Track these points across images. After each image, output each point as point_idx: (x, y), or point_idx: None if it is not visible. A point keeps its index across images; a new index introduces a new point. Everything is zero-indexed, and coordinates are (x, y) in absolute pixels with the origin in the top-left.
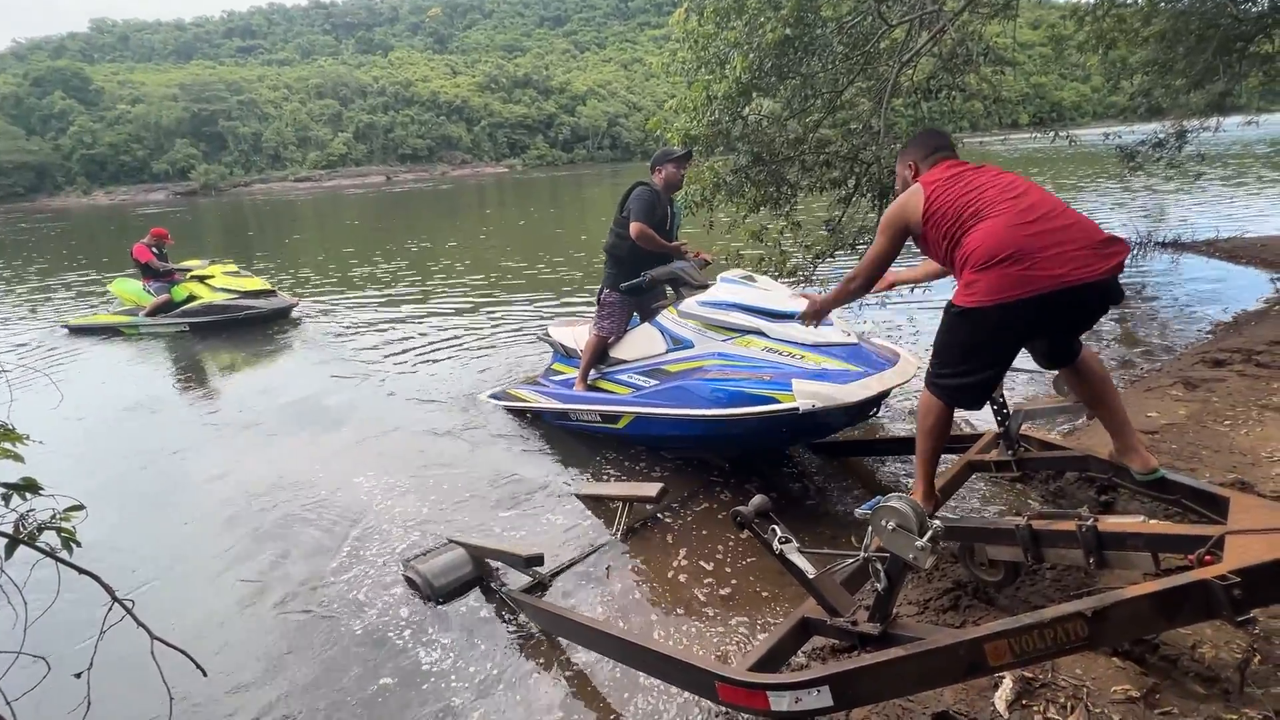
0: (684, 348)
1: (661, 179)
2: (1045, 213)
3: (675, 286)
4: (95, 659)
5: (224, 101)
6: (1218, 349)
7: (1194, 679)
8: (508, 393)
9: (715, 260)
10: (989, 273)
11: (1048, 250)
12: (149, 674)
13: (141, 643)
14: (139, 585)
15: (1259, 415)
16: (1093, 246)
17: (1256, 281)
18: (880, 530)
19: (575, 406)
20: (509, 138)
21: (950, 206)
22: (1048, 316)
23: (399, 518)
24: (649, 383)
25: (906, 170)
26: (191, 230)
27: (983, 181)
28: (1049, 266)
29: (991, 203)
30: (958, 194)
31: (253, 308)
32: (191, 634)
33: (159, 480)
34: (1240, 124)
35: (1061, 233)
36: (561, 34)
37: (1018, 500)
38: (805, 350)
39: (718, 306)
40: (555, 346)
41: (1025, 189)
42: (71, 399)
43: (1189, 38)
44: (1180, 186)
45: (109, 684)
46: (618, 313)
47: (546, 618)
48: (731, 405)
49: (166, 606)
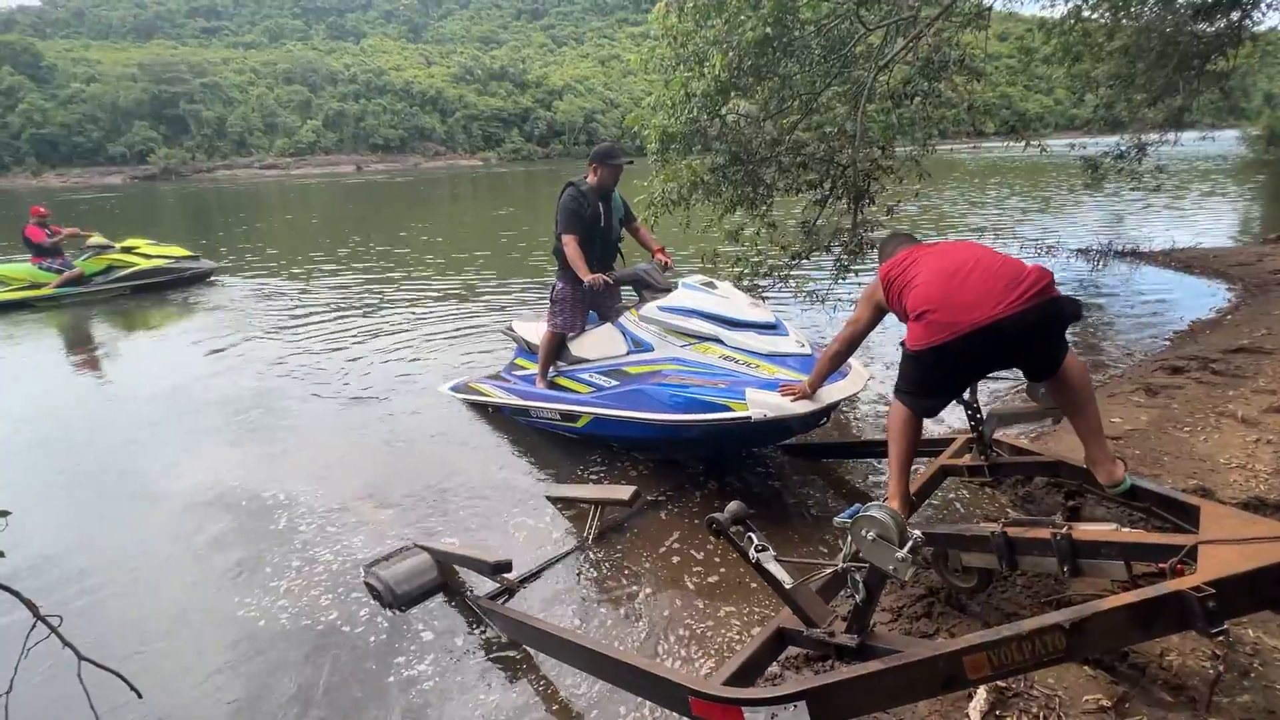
0: (644, 350)
1: (595, 179)
2: (966, 269)
3: (638, 288)
4: (15, 680)
5: (186, 83)
6: (1176, 356)
7: (1162, 687)
8: (468, 385)
9: (696, 255)
10: (920, 322)
11: (963, 297)
12: (75, 697)
13: (69, 663)
14: (68, 600)
15: (1216, 422)
16: (1006, 285)
17: (1211, 291)
18: (860, 540)
19: (535, 404)
20: (484, 130)
21: (899, 278)
22: (979, 353)
23: (358, 520)
24: (609, 383)
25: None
26: (151, 217)
27: (916, 254)
28: (965, 311)
29: (921, 265)
30: (903, 267)
31: (185, 270)
32: (126, 651)
33: (93, 480)
34: (1196, 138)
35: (978, 281)
36: (539, 27)
37: (988, 505)
38: (760, 359)
39: (677, 312)
40: (519, 341)
41: (954, 251)
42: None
43: (1150, 54)
44: (1138, 199)
45: (30, 709)
46: (570, 308)
47: (514, 626)
48: (687, 411)
49: (98, 623)
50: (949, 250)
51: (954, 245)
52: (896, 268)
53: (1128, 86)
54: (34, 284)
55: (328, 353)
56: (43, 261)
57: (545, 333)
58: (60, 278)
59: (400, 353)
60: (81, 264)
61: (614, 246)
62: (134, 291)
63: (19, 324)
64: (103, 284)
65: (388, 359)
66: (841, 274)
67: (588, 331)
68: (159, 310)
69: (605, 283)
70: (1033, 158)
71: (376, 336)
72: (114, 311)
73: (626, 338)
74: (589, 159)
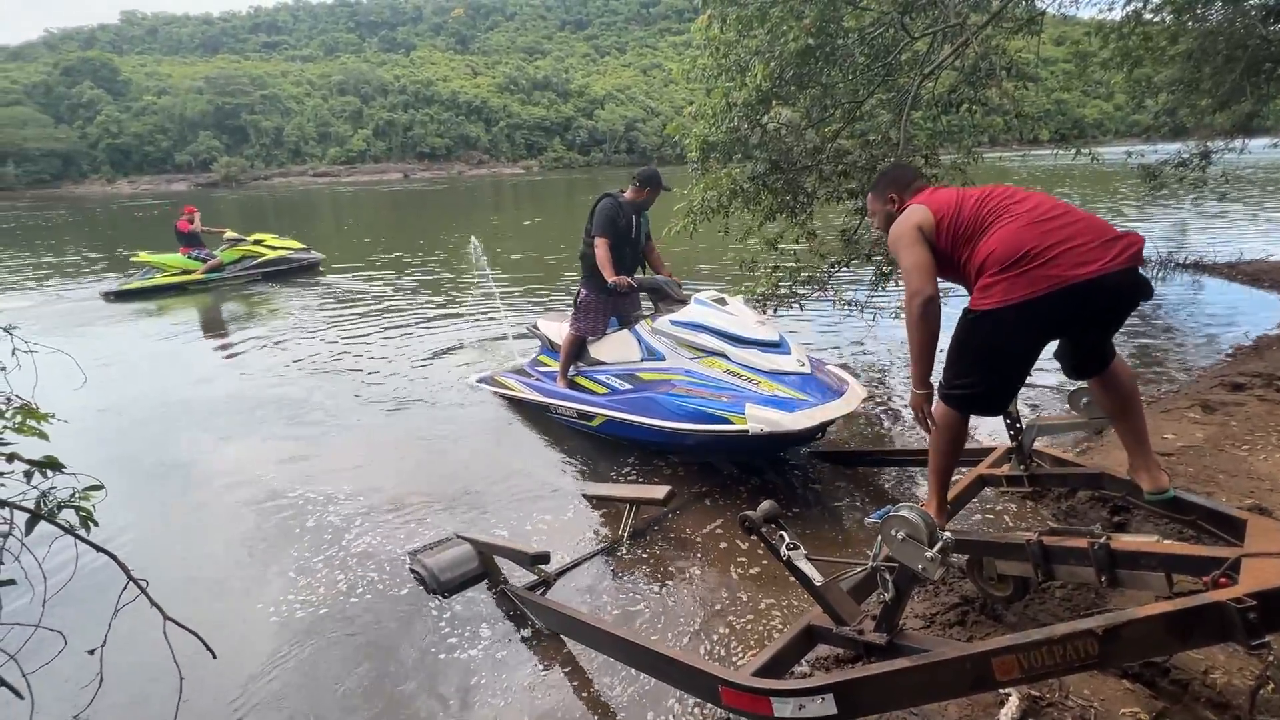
0: (656, 359)
1: (631, 195)
2: (1055, 213)
3: (655, 298)
4: (109, 636)
5: (248, 95)
6: (1237, 373)
7: (1204, 704)
8: (494, 379)
9: (734, 263)
10: (1007, 274)
11: (1061, 246)
12: (161, 653)
13: (155, 622)
14: (152, 564)
15: (1278, 441)
16: (1105, 241)
17: (1279, 306)
18: (890, 540)
19: (556, 401)
20: (527, 139)
21: (961, 217)
22: (1066, 315)
23: (407, 510)
24: (624, 386)
25: (887, 204)
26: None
27: (984, 193)
28: (1064, 263)
29: (1002, 208)
30: (967, 205)
31: (300, 260)
32: (203, 616)
33: (176, 461)
34: (1266, 146)
35: (1073, 228)
36: (582, 38)
37: (1032, 519)
38: (762, 376)
39: (688, 327)
40: (543, 340)
41: (1028, 194)
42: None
43: (1216, 58)
44: (1204, 208)
45: (122, 661)
46: (594, 313)
47: (550, 616)
48: (691, 421)
49: (180, 588)
50: (1014, 192)
51: (1011, 188)
52: (949, 206)
53: (1191, 91)
54: (184, 270)
55: (380, 344)
56: (191, 251)
57: (568, 334)
58: (205, 265)
59: (450, 352)
60: (221, 254)
61: (639, 257)
62: (264, 278)
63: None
64: (237, 271)
65: (435, 358)
66: (882, 283)
67: (607, 336)
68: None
69: (629, 285)
70: (1093, 166)
71: (426, 331)
72: (242, 295)
73: (641, 345)
74: (637, 177)
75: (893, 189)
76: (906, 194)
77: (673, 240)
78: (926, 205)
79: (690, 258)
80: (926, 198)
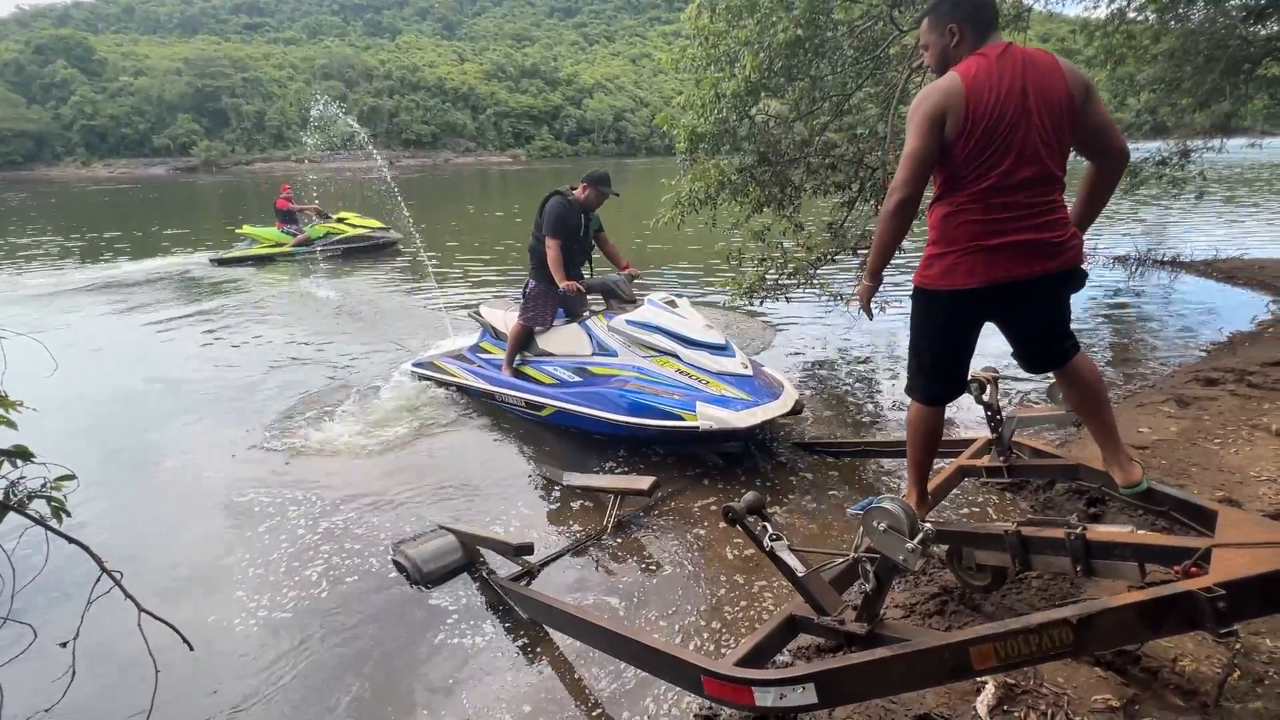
0: (608, 354)
1: (583, 196)
2: (1021, 176)
3: (606, 297)
4: (82, 629)
5: (228, 78)
6: (1211, 368)
7: (1174, 691)
8: (433, 363)
9: (721, 255)
10: (950, 253)
11: (1009, 236)
12: (136, 646)
13: (129, 614)
14: (129, 557)
15: (1249, 435)
16: (1049, 243)
17: (1253, 303)
18: (871, 531)
19: (502, 390)
20: (514, 127)
21: (977, 129)
22: (997, 308)
23: (390, 501)
24: (573, 378)
25: (947, 36)
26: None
27: (1000, 112)
28: (1002, 259)
29: (993, 153)
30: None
31: (379, 238)
32: (179, 608)
33: (147, 447)
34: (1244, 146)
35: (1027, 212)
36: (571, 25)
37: (1011, 510)
38: (710, 377)
39: (642, 327)
40: (485, 326)
41: (1024, 135)
42: None
43: (1197, 57)
44: (1182, 206)
45: (94, 654)
46: (542, 305)
47: (534, 606)
48: (643, 416)
49: (156, 580)
50: (1017, 139)
51: (1019, 120)
52: (983, 102)
53: (1172, 90)
54: (277, 243)
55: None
56: (285, 227)
57: (515, 324)
58: (295, 239)
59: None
60: (309, 230)
61: (588, 255)
62: (345, 253)
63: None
64: (323, 245)
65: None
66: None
67: (555, 328)
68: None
69: (578, 290)
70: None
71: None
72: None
73: (592, 340)
74: (584, 179)
75: (957, 17)
76: (972, 35)
77: (657, 235)
78: (965, 85)
79: (675, 253)
80: (974, 68)
